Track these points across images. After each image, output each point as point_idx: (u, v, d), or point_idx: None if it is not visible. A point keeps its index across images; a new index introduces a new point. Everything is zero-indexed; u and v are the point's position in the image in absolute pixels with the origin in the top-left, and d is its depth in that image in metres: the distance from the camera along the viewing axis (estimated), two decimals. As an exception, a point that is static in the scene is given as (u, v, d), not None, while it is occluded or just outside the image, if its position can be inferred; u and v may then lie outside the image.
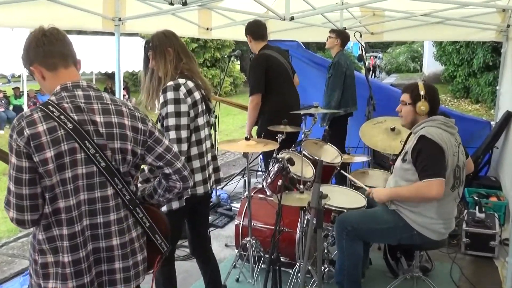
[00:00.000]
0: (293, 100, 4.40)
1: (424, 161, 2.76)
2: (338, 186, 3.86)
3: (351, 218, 3.07)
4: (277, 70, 4.36)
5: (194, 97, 2.59)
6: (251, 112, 4.33)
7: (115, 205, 1.80)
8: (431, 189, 2.71)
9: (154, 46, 2.63)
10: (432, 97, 2.96)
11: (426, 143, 2.78)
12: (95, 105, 1.77)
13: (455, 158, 2.82)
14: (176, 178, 1.93)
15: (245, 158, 3.44)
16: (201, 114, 2.68)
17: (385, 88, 6.22)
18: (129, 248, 1.84)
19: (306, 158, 3.68)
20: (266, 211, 3.73)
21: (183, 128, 2.53)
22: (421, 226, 2.90)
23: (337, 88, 4.96)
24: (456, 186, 2.87)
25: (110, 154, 1.76)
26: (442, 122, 2.87)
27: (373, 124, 4.21)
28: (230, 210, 5.28)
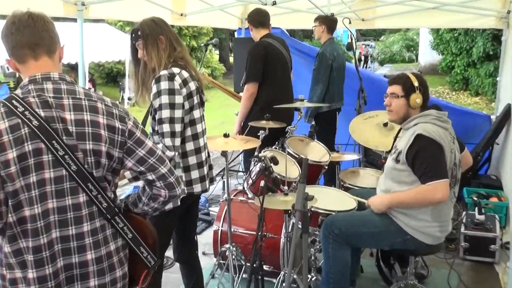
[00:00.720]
0: (288, 94, 4.44)
1: (424, 163, 2.78)
2: (326, 187, 3.88)
3: (339, 221, 3.10)
4: (275, 59, 4.42)
5: (189, 88, 2.61)
6: (245, 102, 4.38)
7: (88, 214, 1.74)
8: (436, 192, 2.74)
9: (144, 35, 2.62)
10: (425, 89, 3.01)
11: (425, 143, 2.80)
12: (66, 100, 1.70)
13: (452, 156, 2.86)
14: (160, 185, 1.88)
15: (224, 157, 3.44)
16: (197, 106, 2.70)
17: (377, 79, 6.27)
18: (106, 263, 1.79)
19: (290, 156, 3.70)
20: (248, 215, 3.74)
21: (177, 121, 2.54)
22: (415, 230, 2.93)
23: (321, 82, 4.98)
24: (452, 185, 2.91)
25: (82, 156, 1.70)
26: (436, 117, 2.90)
27: (364, 119, 4.24)
28: (208, 215, 5.27)
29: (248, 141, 3.40)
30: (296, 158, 3.73)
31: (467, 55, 16.16)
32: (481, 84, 15.18)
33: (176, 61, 2.64)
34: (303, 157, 3.65)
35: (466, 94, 16.66)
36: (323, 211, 3.29)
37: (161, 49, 2.61)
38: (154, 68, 2.63)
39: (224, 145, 3.27)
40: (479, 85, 15.38)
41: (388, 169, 3.03)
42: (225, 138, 3.31)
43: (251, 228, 3.69)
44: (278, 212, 3.54)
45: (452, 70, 17.34)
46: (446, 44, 17.39)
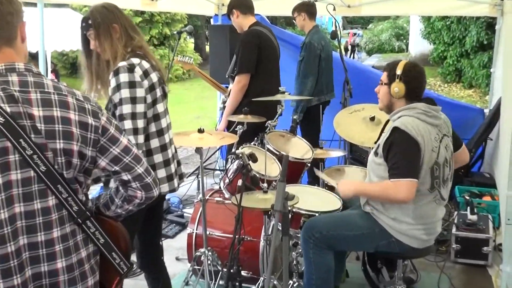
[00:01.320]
0: (278, 87, 4.46)
1: (394, 158, 2.83)
2: (309, 187, 3.91)
3: (320, 223, 3.12)
4: (268, 49, 4.46)
5: (151, 80, 2.59)
6: (235, 95, 4.38)
7: (58, 218, 1.70)
8: (399, 190, 2.79)
9: (95, 23, 2.58)
10: (410, 79, 3.00)
11: (399, 137, 2.84)
12: (33, 94, 1.66)
13: (433, 155, 2.89)
14: (136, 186, 1.87)
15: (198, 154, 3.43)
16: (160, 99, 2.68)
17: (364, 70, 6.32)
18: (77, 272, 1.76)
19: (270, 153, 3.71)
20: (224, 217, 3.74)
21: (139, 117, 2.52)
22: (399, 232, 2.98)
23: (310, 74, 5.01)
24: (436, 186, 2.95)
25: (52, 156, 1.66)
26: (422, 111, 2.93)
27: (349, 112, 4.27)
28: (182, 217, 5.26)
29: (224, 137, 3.40)
30: (276, 155, 3.74)
31: (460, 44, 16.33)
32: (474, 76, 15.34)
33: (134, 50, 2.61)
34: (283, 153, 3.67)
35: (459, 86, 16.87)
36: (305, 211, 3.31)
37: (115, 38, 2.58)
38: (108, 60, 2.59)
39: (199, 141, 3.27)
40: (472, 76, 15.55)
41: (369, 163, 3.09)
42: (199, 133, 3.31)
43: (228, 230, 3.69)
44: (257, 214, 3.55)
45: (444, 60, 17.53)
46: (438, 33, 17.57)
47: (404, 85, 2.99)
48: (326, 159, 4.48)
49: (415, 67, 3.05)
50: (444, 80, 17.83)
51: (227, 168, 3.68)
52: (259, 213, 3.45)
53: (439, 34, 17.54)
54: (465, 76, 16.27)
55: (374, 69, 7.22)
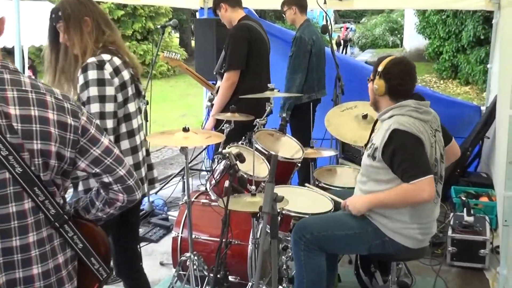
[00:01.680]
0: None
1: (405, 161, 2.82)
2: (299, 187, 3.91)
3: (311, 224, 3.13)
4: (259, 44, 4.47)
5: (122, 77, 2.57)
6: (225, 93, 4.39)
7: (35, 222, 1.70)
8: (423, 190, 2.78)
9: (66, 15, 2.55)
10: (391, 76, 3.00)
11: (402, 138, 2.84)
12: (9, 92, 1.65)
13: (433, 150, 2.92)
14: (118, 188, 1.88)
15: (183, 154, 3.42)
16: (132, 98, 2.66)
17: (357, 66, 6.35)
18: (54, 278, 1.76)
19: (259, 153, 3.71)
20: (211, 220, 3.74)
21: (109, 117, 2.50)
22: (393, 232, 2.99)
23: (299, 71, 5.01)
24: (435, 183, 2.95)
25: (28, 157, 1.66)
26: (413, 108, 2.94)
27: (341, 110, 4.29)
28: (167, 220, 5.25)
29: (210, 136, 3.39)
30: (265, 155, 3.74)
31: (456, 39, 16.41)
32: (471, 72, 15.42)
33: (106, 46, 2.59)
34: (272, 153, 3.68)
35: (455, 82, 16.96)
36: (294, 214, 3.31)
37: (86, 32, 2.55)
38: (76, 54, 2.56)
39: (184, 141, 3.25)
40: (469, 73, 15.63)
41: (364, 166, 3.07)
42: (184, 132, 3.29)
43: (214, 234, 3.68)
44: (245, 216, 3.55)
45: (440, 56, 17.62)
46: (433, 27, 17.67)
47: (384, 82, 3.01)
48: (317, 159, 4.49)
49: (398, 64, 3.04)
50: (439, 76, 17.93)
51: (214, 168, 3.68)
52: (247, 215, 3.45)
53: (434, 28, 17.63)
54: (462, 72, 16.35)
55: (367, 64, 7.24)
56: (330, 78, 5.15)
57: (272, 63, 4.84)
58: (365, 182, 3.08)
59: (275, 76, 4.89)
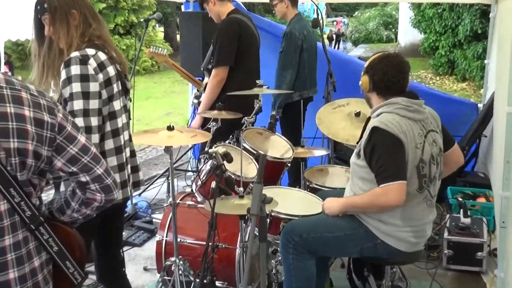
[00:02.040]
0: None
1: (379, 161, 2.85)
2: (289, 188, 3.92)
3: (300, 226, 3.15)
4: (249, 39, 4.46)
5: (107, 73, 2.57)
6: (212, 90, 4.38)
7: (11, 224, 1.70)
8: (389, 195, 2.82)
9: (52, 8, 2.54)
10: (375, 72, 3.05)
11: (380, 137, 2.87)
12: None
13: (417, 152, 2.92)
14: (96, 188, 1.88)
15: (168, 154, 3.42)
16: (117, 96, 2.65)
17: (350, 61, 6.36)
18: (30, 283, 1.76)
19: (247, 152, 3.72)
20: (197, 223, 3.74)
21: (93, 114, 2.49)
22: (385, 234, 3.01)
23: (290, 67, 5.01)
24: (424, 185, 2.98)
25: (4, 156, 1.66)
26: (403, 106, 2.95)
27: (333, 108, 4.30)
28: (151, 223, 5.24)
29: (196, 135, 3.39)
30: (253, 154, 3.75)
31: (452, 34, 16.49)
32: (468, 68, 15.50)
33: (92, 40, 2.58)
34: (261, 152, 3.68)
35: (451, 79, 17.06)
36: (284, 216, 3.32)
37: (73, 26, 2.54)
38: (62, 48, 2.56)
39: (168, 140, 3.25)
40: (466, 68, 15.71)
41: (352, 165, 3.12)
42: (169, 131, 3.29)
43: (201, 237, 3.68)
44: (233, 219, 3.55)
45: (436, 51, 17.71)
46: (429, 21, 17.75)
47: (368, 78, 3.08)
48: (308, 159, 4.50)
49: (383, 59, 3.08)
50: (435, 72, 18.02)
51: (200, 169, 3.68)
52: (235, 218, 3.45)
53: (430, 22, 17.72)
54: (458, 68, 16.43)
55: (360, 60, 7.26)
56: (322, 75, 5.15)
57: (261, 58, 4.84)
58: (352, 180, 3.12)
59: (264, 73, 4.89)
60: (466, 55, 15.64)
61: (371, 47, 27.82)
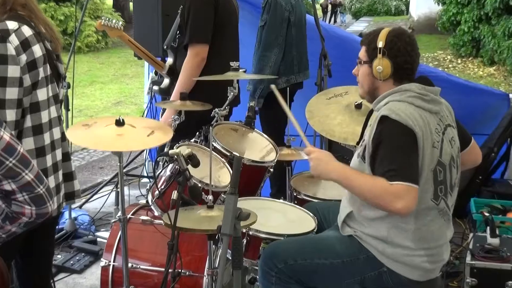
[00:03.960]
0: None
1: (387, 157, 2.81)
2: (272, 200, 3.92)
3: (285, 249, 3.14)
4: (226, 13, 4.47)
5: (32, 54, 2.55)
6: (192, 74, 4.33)
7: None
8: (400, 196, 2.74)
9: None
10: (397, 52, 3.00)
11: (390, 128, 2.84)
12: None
13: (435, 152, 2.92)
14: (24, 199, 1.88)
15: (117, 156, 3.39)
16: (43, 82, 2.64)
17: (349, 40, 6.36)
18: None
19: (218, 154, 3.71)
20: (154, 243, 3.74)
21: (10, 106, 2.48)
22: (393, 260, 3.00)
23: (275, 45, 5.01)
24: (440, 194, 2.98)
25: None
26: (417, 94, 2.95)
27: (327, 98, 4.30)
28: (95, 243, 5.21)
29: (153, 131, 3.37)
30: (226, 157, 3.75)
31: (478, 5, 16.57)
32: (497, 48, 15.54)
33: (14, 9, 2.57)
34: (235, 154, 3.67)
35: (476, 62, 17.17)
36: (265, 235, 3.32)
37: None
38: None
39: (116, 142, 3.22)
40: (494, 49, 15.77)
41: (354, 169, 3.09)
42: (118, 126, 3.26)
43: (158, 262, 3.68)
44: (199, 238, 3.54)
45: (457, 27, 17.80)
46: (449, -11, 17.88)
47: (390, 61, 3.01)
48: (295, 162, 4.50)
49: (402, 35, 3.05)
50: (456, 53, 18.15)
51: (158, 175, 3.66)
52: (202, 237, 3.45)
53: (450, -9, 17.84)
54: (485, 48, 16.52)
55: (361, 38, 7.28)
56: (313, 56, 5.16)
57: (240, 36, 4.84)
58: None
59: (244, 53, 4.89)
60: (495, 32, 15.69)
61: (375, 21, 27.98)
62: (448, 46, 18.81)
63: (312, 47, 5.23)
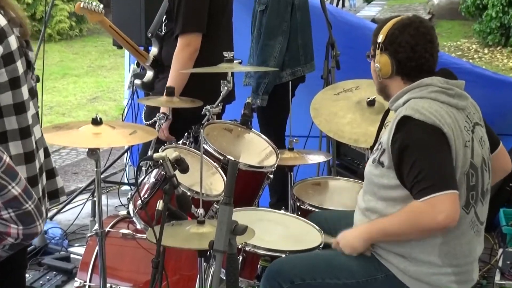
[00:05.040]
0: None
1: (416, 166, 2.80)
2: (272, 211, 3.91)
3: (291, 267, 3.13)
4: (221, 3, 4.51)
5: (9, 45, 2.57)
6: (184, 66, 4.35)
7: None
8: (437, 211, 2.74)
9: None
10: (398, 47, 3.00)
11: (415, 131, 2.84)
12: None
13: (467, 152, 2.91)
14: (9, 216, 1.90)
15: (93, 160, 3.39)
16: (24, 78, 2.66)
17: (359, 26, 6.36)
18: None
19: (210, 157, 3.71)
20: (136, 261, 3.75)
21: None
22: (415, 279, 3.00)
23: (279, 33, 5.01)
24: (471, 202, 2.97)
25: None
26: (440, 88, 2.94)
27: (335, 93, 4.31)
28: (68, 260, 5.20)
29: (135, 131, 3.37)
30: (219, 161, 3.75)
31: (507, -13, 16.64)
32: (530, 36, 15.63)
33: None
34: (229, 158, 3.67)
35: (505, 52, 17.19)
36: (264, 251, 3.31)
37: None
38: None
39: (93, 139, 3.23)
40: (526, 37, 15.85)
41: (369, 178, 3.08)
42: (95, 126, 3.27)
43: (141, 282, 3.69)
44: (188, 255, 3.54)
45: (484, 12, 17.83)
46: (474, -32, 17.90)
47: (389, 58, 3.01)
48: (298, 167, 4.49)
49: (406, 28, 3.02)
50: (483, 42, 18.17)
51: (140, 182, 3.66)
52: (192, 254, 3.45)
53: (475, -30, 17.87)
54: (516, 36, 16.56)
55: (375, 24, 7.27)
56: (319, 45, 5.17)
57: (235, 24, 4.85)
58: (369, 201, 3.09)
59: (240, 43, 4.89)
60: (527, 18, 15.77)
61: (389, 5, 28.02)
62: (473, 33, 18.82)
63: (318, 35, 5.23)
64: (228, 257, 2.39)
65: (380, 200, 3.02)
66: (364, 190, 3.13)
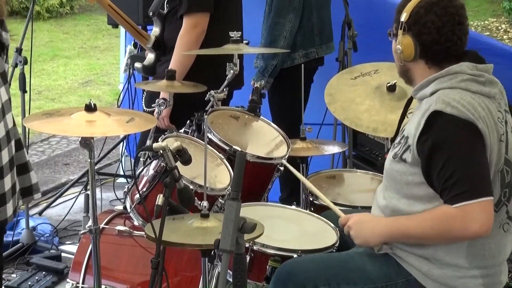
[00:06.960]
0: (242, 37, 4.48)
1: (447, 167, 2.78)
2: (283, 207, 3.91)
3: (304, 270, 3.12)
4: None
5: None
6: (189, 48, 4.35)
7: None
8: (471, 219, 2.74)
9: None
10: (423, 28, 2.96)
11: (448, 128, 2.81)
12: None
13: (502, 147, 2.90)
14: None
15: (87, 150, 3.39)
16: None
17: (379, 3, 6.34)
18: None
19: (214, 147, 3.72)
20: (133, 260, 3.77)
21: None
22: (440, 284, 2.99)
23: (290, 10, 4.99)
24: (503, 199, 2.96)
25: None
26: (470, 76, 2.90)
27: (352, 77, 4.30)
28: (59, 260, 5.22)
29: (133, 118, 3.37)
30: (224, 152, 3.75)
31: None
32: None
33: None
34: (237, 149, 3.67)
35: (539, 32, 17.18)
36: (274, 251, 3.32)
37: None
38: None
39: (87, 127, 3.23)
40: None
41: (390, 174, 3.07)
42: (88, 112, 3.26)
43: (138, 283, 3.70)
44: (190, 255, 3.55)
45: (515, -12, 17.81)
46: None
47: (413, 39, 2.97)
48: (311, 159, 4.49)
49: (434, 6, 2.95)
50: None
51: (138, 174, 3.66)
52: (194, 253, 3.45)
53: None
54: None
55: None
56: (334, 24, 5.16)
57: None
58: (390, 199, 3.08)
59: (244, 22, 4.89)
60: None
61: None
62: (503, 12, 18.77)
63: (333, 13, 5.22)
64: (235, 258, 2.39)
65: (402, 198, 3.00)
66: (385, 185, 3.11)
